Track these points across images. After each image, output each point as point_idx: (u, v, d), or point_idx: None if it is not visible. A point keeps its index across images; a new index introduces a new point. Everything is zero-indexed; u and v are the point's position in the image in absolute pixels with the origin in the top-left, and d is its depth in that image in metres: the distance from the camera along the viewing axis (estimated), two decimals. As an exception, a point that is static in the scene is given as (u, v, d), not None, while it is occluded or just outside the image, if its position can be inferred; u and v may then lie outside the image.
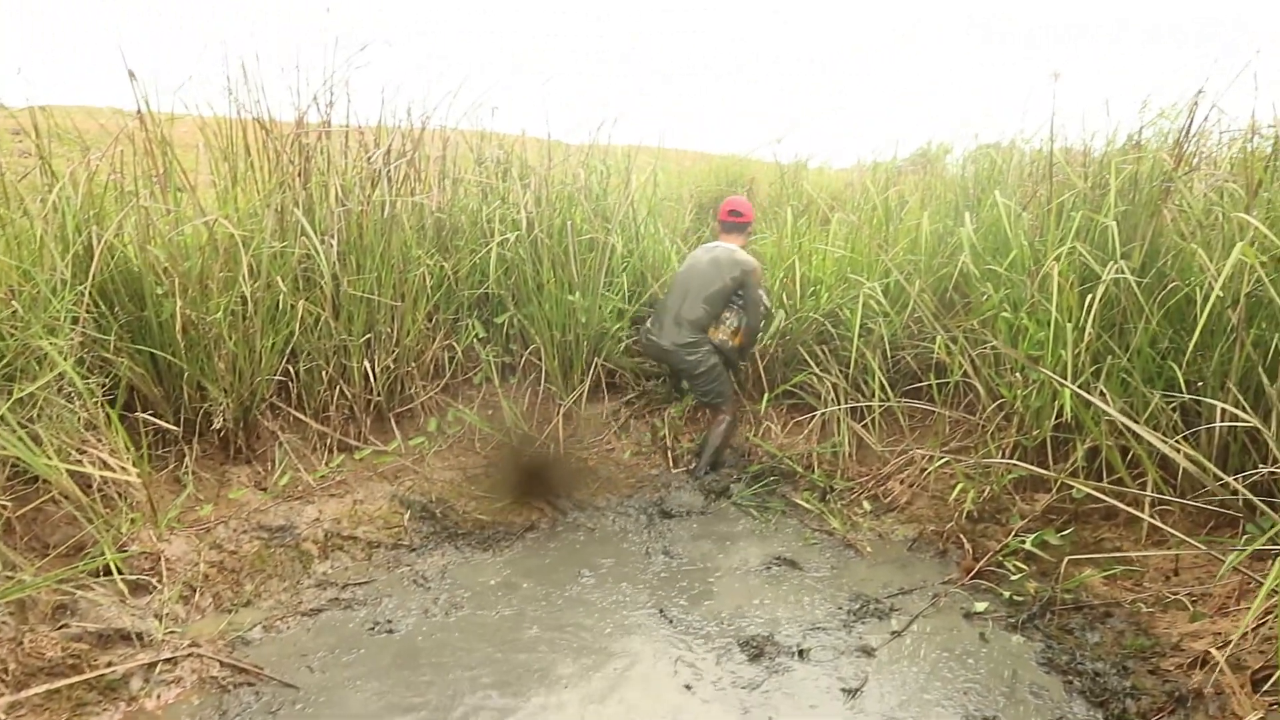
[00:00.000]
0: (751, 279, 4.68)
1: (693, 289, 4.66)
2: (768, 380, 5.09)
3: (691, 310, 4.64)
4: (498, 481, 4.40)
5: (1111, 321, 3.98)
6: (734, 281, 4.66)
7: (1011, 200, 4.69)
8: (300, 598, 3.42)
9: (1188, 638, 3.07)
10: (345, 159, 4.44)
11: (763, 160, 8.25)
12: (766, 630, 3.28)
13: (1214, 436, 3.54)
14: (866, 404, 4.73)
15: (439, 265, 4.60)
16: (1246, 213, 3.58)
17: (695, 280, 4.67)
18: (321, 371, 4.23)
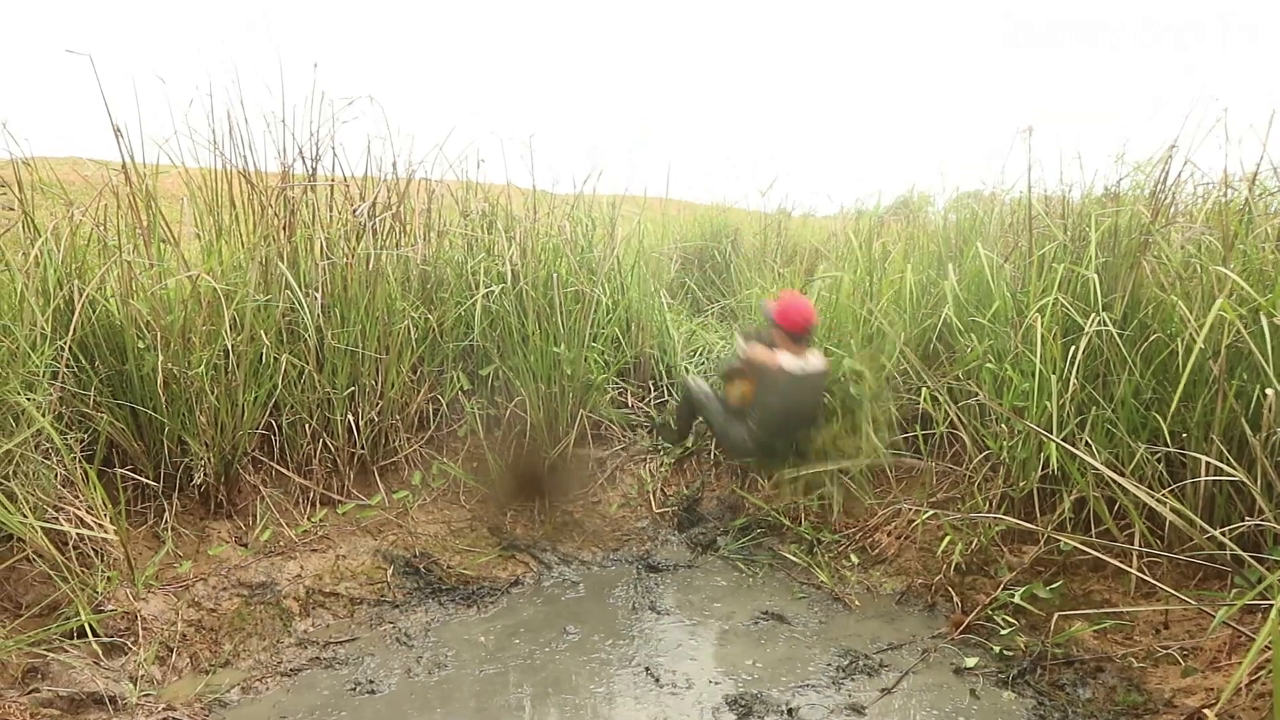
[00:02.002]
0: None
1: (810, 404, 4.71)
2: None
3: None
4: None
5: (1095, 372, 4.00)
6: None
7: (993, 251, 4.74)
8: (280, 657, 3.35)
9: (1180, 693, 3.04)
10: (330, 212, 4.45)
11: (746, 210, 8.33)
12: (755, 689, 3.23)
13: (1200, 489, 3.53)
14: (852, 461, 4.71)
15: (424, 317, 4.59)
16: (1224, 265, 3.63)
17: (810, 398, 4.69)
18: (304, 424, 4.19)
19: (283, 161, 4.28)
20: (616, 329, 5.17)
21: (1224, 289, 3.51)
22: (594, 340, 4.98)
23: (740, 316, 5.95)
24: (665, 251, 6.89)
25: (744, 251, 7.46)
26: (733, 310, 6.30)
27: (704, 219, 8.03)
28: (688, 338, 5.59)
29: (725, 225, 7.84)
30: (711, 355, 5.38)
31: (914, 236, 5.76)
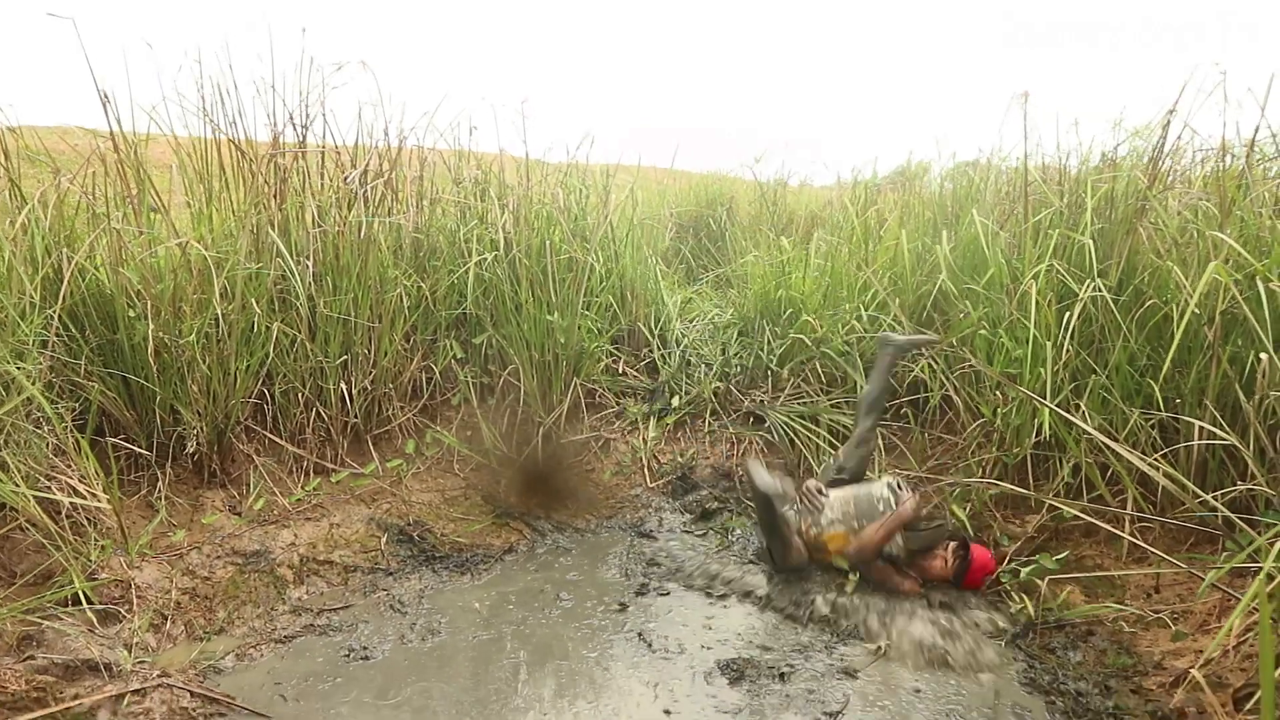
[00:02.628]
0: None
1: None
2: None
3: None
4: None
5: (1090, 339, 3.99)
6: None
7: (989, 218, 4.72)
8: (275, 624, 3.36)
9: (1169, 656, 3.06)
10: (322, 179, 4.42)
11: (742, 179, 8.28)
12: (747, 653, 3.25)
13: (1192, 454, 3.54)
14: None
15: (416, 285, 4.57)
16: (1220, 230, 3.61)
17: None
18: (297, 393, 4.18)
19: (273, 128, 4.24)
20: (610, 297, 5.15)
21: (1220, 254, 3.50)
22: (587, 308, 4.97)
23: (735, 285, 5.92)
24: (660, 219, 6.85)
25: (739, 220, 7.42)
26: (727, 279, 6.27)
27: (699, 187, 7.99)
28: (682, 305, 5.57)
29: (721, 193, 7.81)
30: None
31: (909, 204, 5.73)
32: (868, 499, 3.87)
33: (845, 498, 3.91)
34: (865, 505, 3.85)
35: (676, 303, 5.49)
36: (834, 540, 3.82)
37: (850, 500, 3.89)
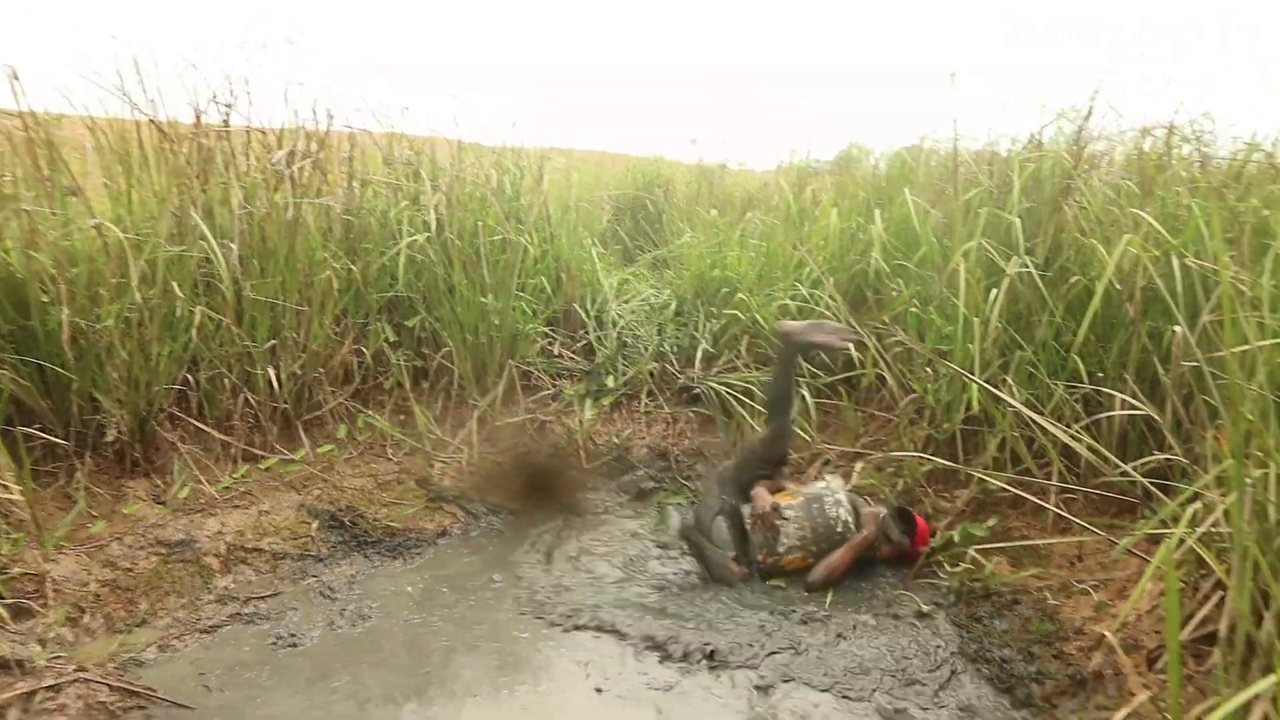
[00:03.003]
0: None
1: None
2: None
3: None
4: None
5: (1017, 316, 4.06)
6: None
7: (921, 198, 4.78)
8: (199, 614, 3.29)
9: (1090, 621, 3.13)
10: (247, 160, 4.31)
11: (680, 161, 8.28)
12: (675, 630, 3.26)
13: (1114, 426, 3.62)
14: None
15: (346, 268, 4.49)
16: (1141, 209, 3.70)
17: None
18: (224, 379, 4.09)
19: (195, 108, 4.13)
20: (545, 278, 5.11)
21: (1140, 231, 3.58)
22: (522, 290, 4.93)
23: (673, 266, 5.91)
24: (597, 201, 6.82)
25: (677, 201, 7.42)
26: (664, 260, 6.27)
27: (636, 169, 7.96)
28: (619, 286, 5.55)
29: (658, 175, 7.79)
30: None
31: (844, 185, 5.78)
32: (825, 524, 3.77)
33: (801, 521, 3.78)
34: (823, 529, 3.77)
35: (613, 284, 5.47)
36: (792, 564, 3.79)
37: (806, 525, 3.78)
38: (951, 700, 2.89)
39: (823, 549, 3.76)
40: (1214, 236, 3.33)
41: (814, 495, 3.85)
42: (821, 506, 3.80)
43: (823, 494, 3.85)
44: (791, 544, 3.75)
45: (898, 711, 2.81)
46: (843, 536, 3.76)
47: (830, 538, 3.76)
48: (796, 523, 3.77)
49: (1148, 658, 2.70)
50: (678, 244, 5.89)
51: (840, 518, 3.78)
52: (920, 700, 2.88)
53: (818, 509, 3.79)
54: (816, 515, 3.78)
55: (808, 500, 3.83)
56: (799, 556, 3.76)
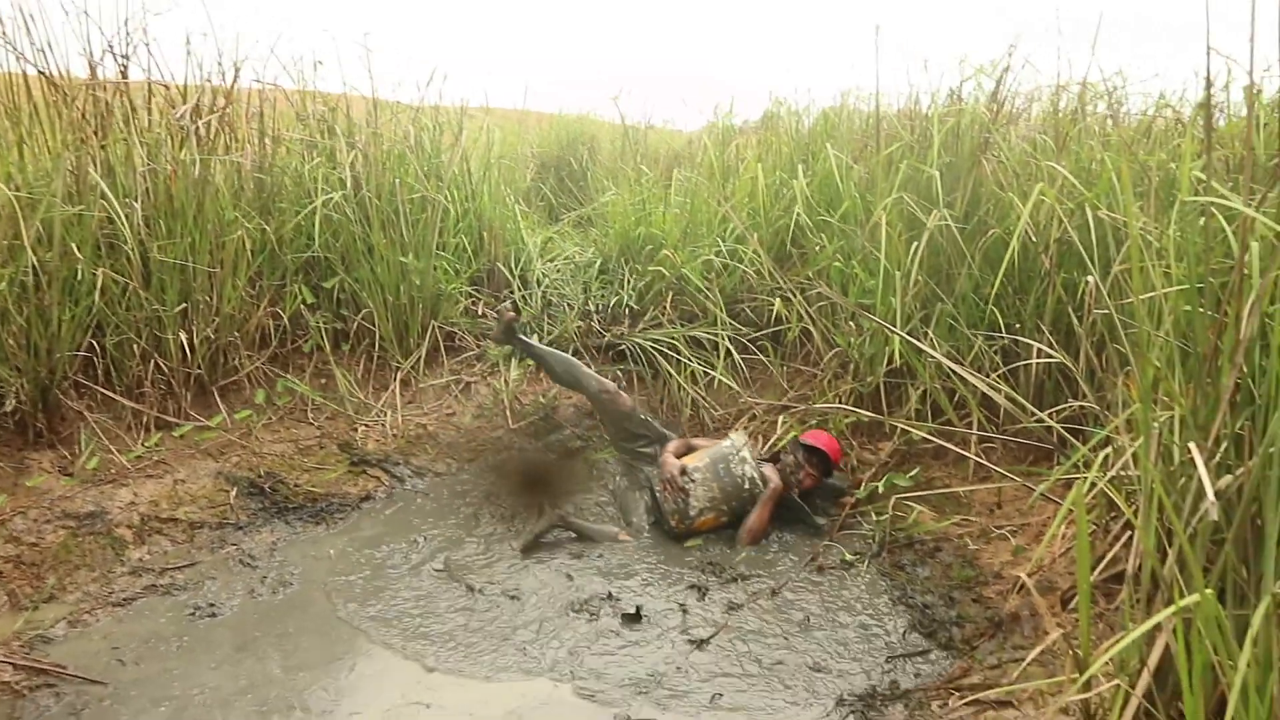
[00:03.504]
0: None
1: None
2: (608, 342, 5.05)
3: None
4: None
5: (938, 269, 4.11)
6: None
7: (844, 154, 4.79)
8: (112, 587, 3.18)
9: (1008, 566, 3.23)
10: (149, 115, 4.12)
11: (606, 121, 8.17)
12: (603, 590, 3.27)
13: (1031, 376, 3.70)
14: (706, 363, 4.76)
15: (260, 228, 4.33)
16: (1056, 163, 3.76)
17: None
18: (133, 345, 3.92)
19: (89, 59, 3.92)
20: (466, 237, 5.02)
21: (1055, 184, 3.63)
22: (443, 249, 4.83)
23: (597, 224, 5.85)
24: (520, 158, 6.71)
25: (602, 159, 7.34)
26: (589, 218, 6.20)
27: (560, 126, 7.85)
28: (543, 245, 5.48)
29: (582, 133, 7.69)
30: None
31: (768, 141, 5.76)
32: (733, 483, 3.79)
33: (708, 482, 3.79)
34: (731, 488, 3.79)
35: (537, 243, 5.40)
36: (705, 525, 3.81)
37: (714, 485, 3.79)
38: (876, 646, 2.95)
39: (734, 507, 3.80)
40: (1124, 190, 3.39)
41: (719, 456, 3.87)
42: (727, 466, 3.82)
43: (728, 454, 3.87)
44: (702, 506, 3.77)
45: (824, 659, 2.85)
46: (751, 493, 3.80)
47: (739, 495, 3.80)
48: (704, 485, 3.79)
49: (1062, 598, 2.79)
50: (602, 201, 5.82)
51: (746, 474, 3.81)
52: (846, 648, 2.93)
53: (724, 469, 3.82)
54: (723, 475, 3.80)
55: (713, 461, 3.85)
56: (711, 517, 3.80)
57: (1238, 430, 1.83)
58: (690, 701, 2.63)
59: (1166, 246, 2.55)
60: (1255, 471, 1.69)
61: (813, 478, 3.92)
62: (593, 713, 2.57)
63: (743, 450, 3.87)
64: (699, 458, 3.90)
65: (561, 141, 7.62)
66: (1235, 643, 1.54)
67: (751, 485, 3.80)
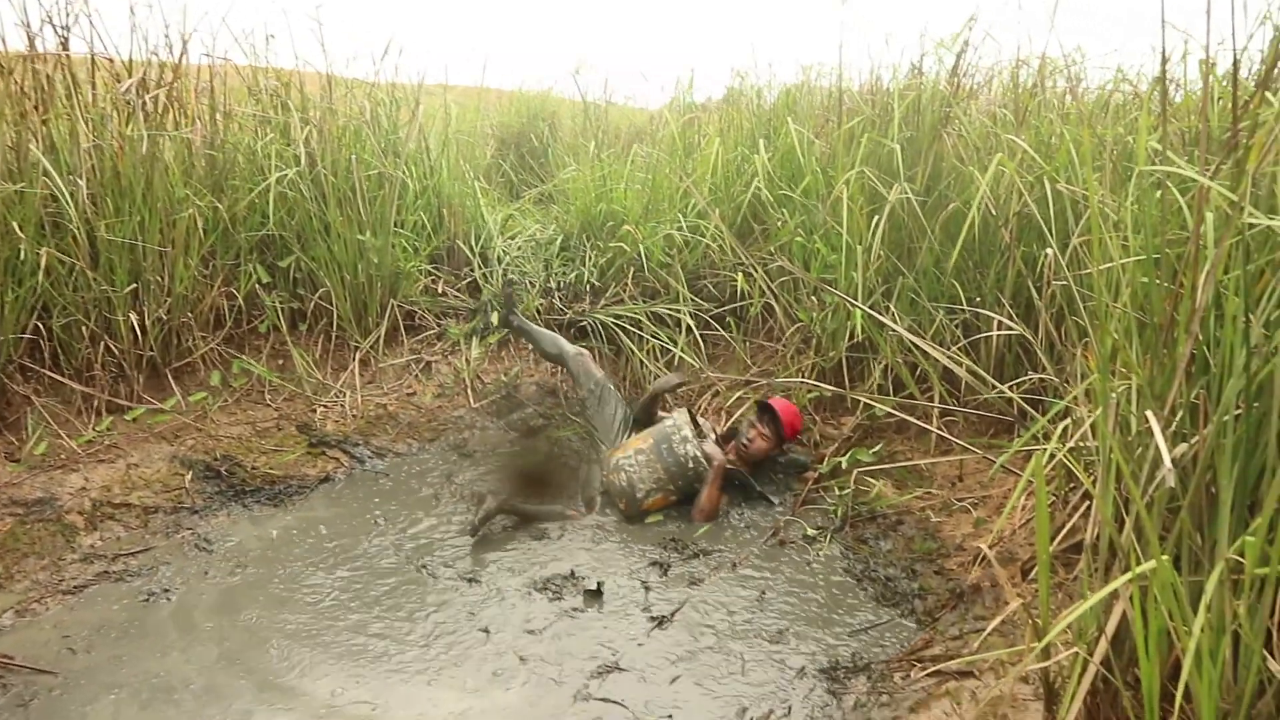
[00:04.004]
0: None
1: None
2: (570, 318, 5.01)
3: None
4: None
5: (899, 244, 4.11)
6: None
7: (805, 129, 4.77)
8: (63, 575, 3.11)
9: (970, 538, 3.25)
10: (93, 90, 4.00)
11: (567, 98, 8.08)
12: (565, 568, 3.25)
13: (992, 350, 3.72)
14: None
15: (212, 206, 4.23)
16: (1016, 136, 3.76)
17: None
18: (81, 327, 3.82)
19: (27, 30, 3.80)
20: (425, 214, 4.94)
21: (1015, 157, 3.64)
22: (401, 226, 4.76)
23: (559, 201, 5.80)
24: (479, 134, 6.62)
25: (563, 136, 7.26)
26: (550, 195, 6.14)
27: (520, 103, 7.75)
28: (503, 222, 5.41)
29: (543, 109, 7.60)
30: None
31: (729, 116, 5.73)
32: (676, 462, 3.78)
33: (653, 464, 3.78)
34: (675, 468, 3.78)
35: (498, 220, 5.33)
36: (654, 505, 3.80)
37: (659, 466, 3.78)
38: (838, 620, 2.96)
39: (681, 485, 3.80)
40: (1084, 162, 3.41)
41: (661, 436, 3.86)
42: (670, 445, 3.81)
43: (670, 434, 3.86)
44: (649, 488, 3.77)
45: (786, 633, 2.86)
46: (697, 471, 3.79)
47: (685, 474, 3.79)
48: (649, 466, 3.78)
49: (1022, 569, 2.81)
50: (563, 177, 5.77)
51: (689, 454, 3.79)
52: (808, 622, 2.94)
53: (666, 449, 3.81)
54: (666, 455, 3.79)
55: (656, 442, 3.84)
56: (659, 498, 3.79)
57: (1193, 399, 1.83)
58: (652, 679, 2.62)
59: (1124, 219, 2.56)
60: (1210, 439, 1.70)
61: (764, 438, 3.94)
62: (553, 691, 2.55)
63: (684, 429, 3.86)
64: (643, 439, 3.89)
65: (522, 118, 7.53)
66: (1190, 608, 1.55)
67: (696, 464, 3.78)
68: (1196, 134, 2.72)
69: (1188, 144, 3.21)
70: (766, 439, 3.93)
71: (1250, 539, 1.47)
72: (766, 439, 3.93)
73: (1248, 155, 1.82)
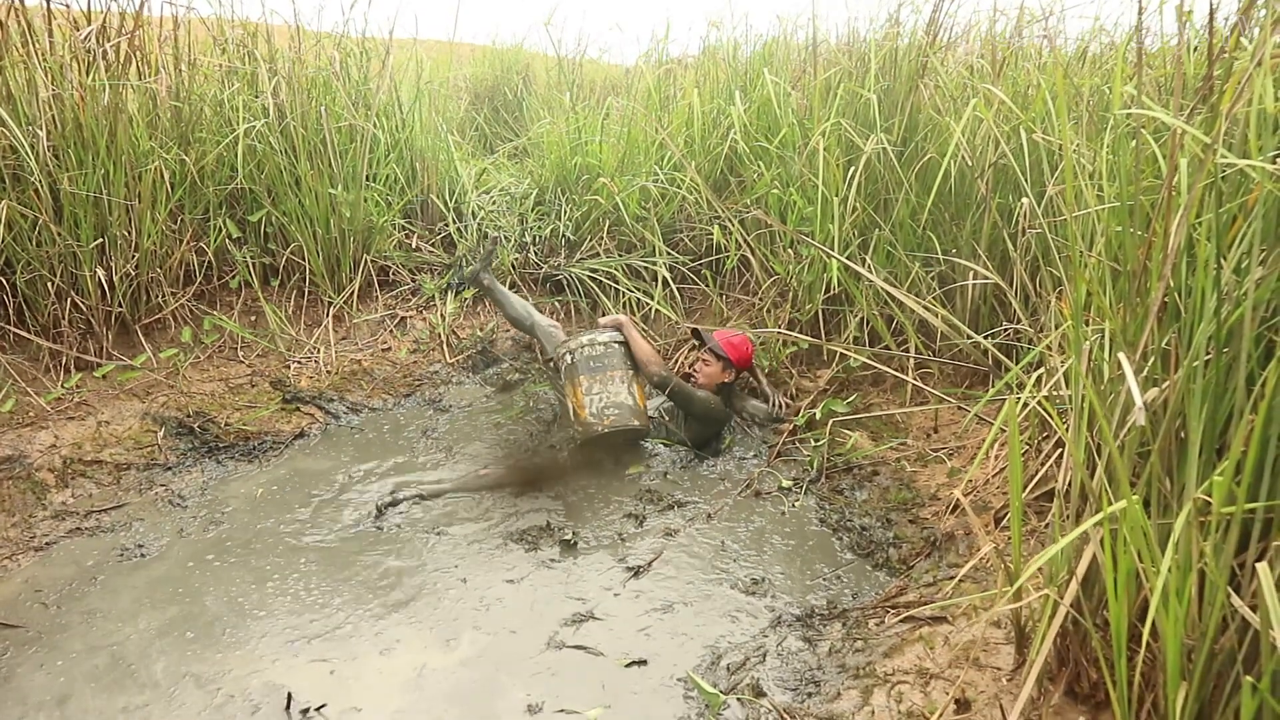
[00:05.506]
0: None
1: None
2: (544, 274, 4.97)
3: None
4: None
5: (875, 196, 4.10)
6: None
7: (781, 81, 4.72)
8: (33, 532, 3.08)
9: (944, 488, 3.28)
10: (49, 39, 3.89)
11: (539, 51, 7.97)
12: (541, 520, 3.25)
13: (967, 301, 3.73)
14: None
15: (179, 159, 4.14)
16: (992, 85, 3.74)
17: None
18: (47, 282, 3.75)
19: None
20: (397, 168, 4.87)
21: (990, 106, 3.62)
22: (373, 180, 4.69)
23: (533, 155, 5.73)
24: (451, 87, 6.52)
25: (537, 90, 7.17)
26: (525, 149, 6.07)
27: (494, 57, 7.63)
28: (478, 177, 5.34)
29: (516, 62, 7.49)
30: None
31: (705, 67, 5.66)
32: (610, 354, 3.86)
33: (605, 380, 3.82)
34: (614, 358, 3.86)
35: (472, 174, 5.27)
36: (642, 393, 3.87)
37: (612, 375, 3.83)
38: (813, 568, 2.98)
39: (630, 363, 3.88)
40: (1059, 113, 3.40)
41: (583, 361, 3.85)
42: (593, 357, 3.86)
43: (586, 355, 3.87)
44: (625, 390, 3.81)
45: (761, 582, 2.88)
46: (615, 348, 3.88)
47: (621, 355, 3.88)
48: (604, 384, 3.81)
49: (995, 517, 2.84)
50: (538, 130, 5.69)
51: (598, 340, 3.87)
52: (784, 571, 2.96)
53: (594, 362, 3.84)
54: (599, 362, 3.84)
55: (588, 370, 3.84)
56: (638, 387, 3.85)
57: (1164, 345, 1.84)
58: (626, 627, 2.63)
59: (1100, 169, 2.56)
60: (1180, 384, 1.71)
61: (705, 363, 3.98)
62: (527, 640, 2.56)
63: (578, 339, 3.90)
64: (578, 381, 3.84)
65: (495, 71, 7.41)
66: (1158, 549, 1.57)
67: (607, 343, 3.86)
68: (1171, 81, 2.71)
69: (1163, 92, 3.21)
70: (708, 363, 3.98)
71: (1219, 479, 1.48)
72: (708, 363, 3.98)
73: (1221, 98, 1.82)
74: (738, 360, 3.97)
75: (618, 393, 3.78)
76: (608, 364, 3.82)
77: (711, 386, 3.95)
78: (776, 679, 2.37)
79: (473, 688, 2.36)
